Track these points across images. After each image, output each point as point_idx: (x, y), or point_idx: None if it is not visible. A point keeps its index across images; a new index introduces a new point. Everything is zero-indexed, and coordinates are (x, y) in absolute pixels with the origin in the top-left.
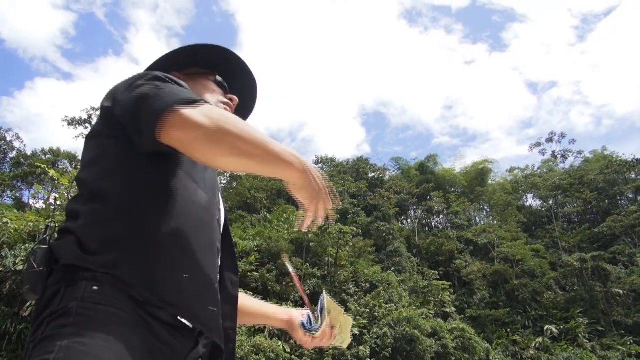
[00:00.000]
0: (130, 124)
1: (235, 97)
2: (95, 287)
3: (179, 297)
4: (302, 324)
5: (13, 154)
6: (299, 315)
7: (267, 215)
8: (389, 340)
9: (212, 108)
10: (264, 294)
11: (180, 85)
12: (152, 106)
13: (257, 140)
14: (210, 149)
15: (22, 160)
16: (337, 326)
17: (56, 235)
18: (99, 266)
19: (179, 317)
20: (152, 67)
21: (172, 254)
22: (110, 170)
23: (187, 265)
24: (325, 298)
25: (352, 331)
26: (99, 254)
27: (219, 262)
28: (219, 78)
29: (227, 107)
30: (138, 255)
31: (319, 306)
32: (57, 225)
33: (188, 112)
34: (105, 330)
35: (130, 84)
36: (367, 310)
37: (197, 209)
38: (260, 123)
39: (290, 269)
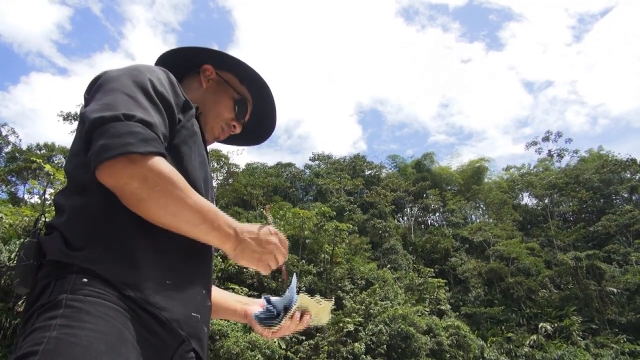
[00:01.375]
0: (84, 140)
1: (238, 129)
2: (84, 280)
3: (160, 300)
4: (256, 316)
5: (8, 149)
6: (256, 308)
7: (263, 211)
8: (384, 337)
9: (160, 165)
10: (260, 290)
11: (158, 92)
12: (101, 146)
13: (196, 211)
14: (144, 206)
15: (17, 155)
16: (312, 313)
17: (45, 230)
18: (83, 261)
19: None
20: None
21: (158, 256)
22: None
23: (174, 269)
24: (301, 296)
25: (331, 313)
26: (83, 250)
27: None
28: (241, 101)
29: (224, 128)
30: (120, 254)
31: (290, 286)
32: (46, 219)
33: (131, 166)
34: (94, 321)
35: (104, 85)
36: (363, 307)
37: None
38: None
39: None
